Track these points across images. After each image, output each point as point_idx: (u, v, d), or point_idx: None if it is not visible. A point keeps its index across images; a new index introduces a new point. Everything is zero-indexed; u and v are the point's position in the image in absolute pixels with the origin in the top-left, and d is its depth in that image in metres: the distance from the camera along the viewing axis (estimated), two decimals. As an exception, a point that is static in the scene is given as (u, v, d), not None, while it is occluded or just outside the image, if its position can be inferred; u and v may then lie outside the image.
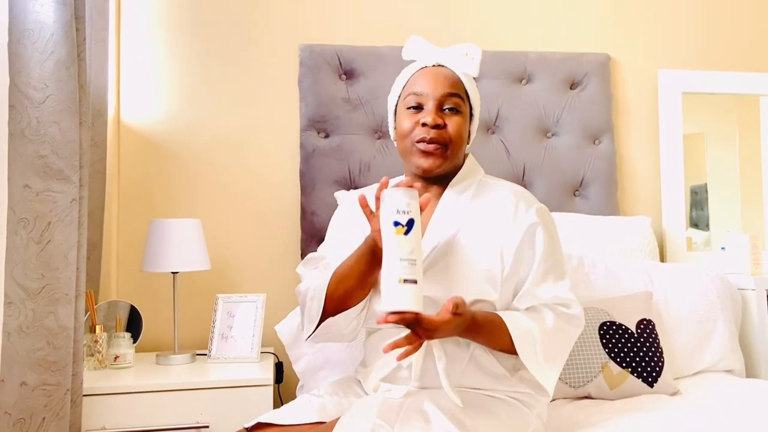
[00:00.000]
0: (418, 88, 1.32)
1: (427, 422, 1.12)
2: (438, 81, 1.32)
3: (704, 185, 2.43)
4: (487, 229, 1.30)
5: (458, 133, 1.31)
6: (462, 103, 1.33)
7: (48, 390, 1.37)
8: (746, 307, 2.01)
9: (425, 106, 1.31)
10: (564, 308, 1.28)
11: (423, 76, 1.33)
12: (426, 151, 1.30)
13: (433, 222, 1.33)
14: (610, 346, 1.67)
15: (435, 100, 1.31)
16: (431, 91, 1.31)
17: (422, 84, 1.32)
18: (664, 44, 2.42)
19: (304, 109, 2.13)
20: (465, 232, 1.30)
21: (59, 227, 1.39)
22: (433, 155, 1.30)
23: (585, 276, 1.88)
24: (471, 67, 1.34)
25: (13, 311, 1.32)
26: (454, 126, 1.31)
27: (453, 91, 1.31)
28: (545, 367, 1.24)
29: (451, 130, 1.30)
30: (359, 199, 1.19)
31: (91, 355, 1.76)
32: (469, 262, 1.27)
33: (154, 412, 1.60)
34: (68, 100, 1.42)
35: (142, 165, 2.10)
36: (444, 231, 1.31)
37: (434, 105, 1.30)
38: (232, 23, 2.18)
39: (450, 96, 1.31)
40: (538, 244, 1.29)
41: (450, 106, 1.31)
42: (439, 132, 1.29)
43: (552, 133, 2.27)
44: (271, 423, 1.22)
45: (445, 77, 1.32)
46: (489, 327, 1.22)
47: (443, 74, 1.33)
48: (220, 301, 1.91)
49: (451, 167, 1.35)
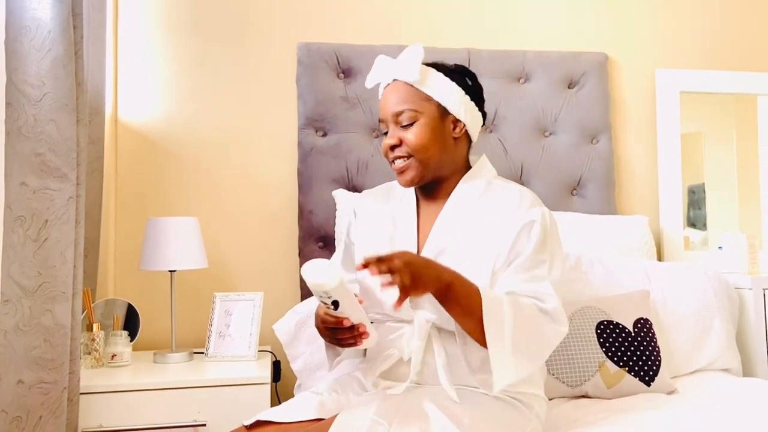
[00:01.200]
0: (381, 114, 1.38)
1: (425, 420, 1.13)
2: (388, 101, 1.36)
3: (702, 185, 2.43)
4: (488, 228, 1.30)
5: (416, 142, 1.32)
6: (416, 112, 1.33)
7: (45, 388, 1.36)
8: (743, 306, 2.02)
9: (388, 130, 1.37)
10: (538, 301, 1.24)
11: (382, 100, 1.39)
12: (398, 171, 1.36)
13: (438, 224, 1.35)
14: (607, 345, 1.67)
15: (390, 121, 1.35)
16: (384, 114, 1.36)
17: (381, 109, 1.38)
18: (662, 44, 2.42)
19: (302, 107, 2.13)
20: (468, 230, 1.31)
21: (56, 225, 1.39)
22: (404, 171, 1.35)
23: (582, 275, 1.88)
24: (411, 72, 1.33)
25: (10, 309, 1.32)
26: (412, 136, 1.32)
27: (399, 108, 1.33)
28: (509, 356, 1.17)
29: (409, 141, 1.33)
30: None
31: (88, 354, 1.76)
32: (470, 259, 1.28)
33: (151, 410, 1.60)
34: (65, 98, 1.41)
35: (140, 163, 2.10)
36: (448, 232, 1.33)
37: (392, 126, 1.35)
38: (230, 22, 2.17)
39: (399, 114, 1.34)
40: (532, 239, 1.27)
41: (404, 122, 1.34)
42: (399, 148, 1.34)
43: (550, 132, 2.27)
44: (270, 420, 1.22)
45: (394, 94, 1.35)
46: (466, 291, 1.18)
47: (394, 91, 1.35)
48: (217, 300, 1.91)
49: (436, 172, 1.36)
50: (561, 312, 1.25)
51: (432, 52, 2.19)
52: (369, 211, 1.48)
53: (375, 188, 1.55)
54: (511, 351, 1.17)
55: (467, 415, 1.17)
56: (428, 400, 1.19)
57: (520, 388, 1.29)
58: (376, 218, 1.45)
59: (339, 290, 1.13)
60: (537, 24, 2.34)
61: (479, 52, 2.23)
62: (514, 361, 1.18)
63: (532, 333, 1.21)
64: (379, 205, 1.47)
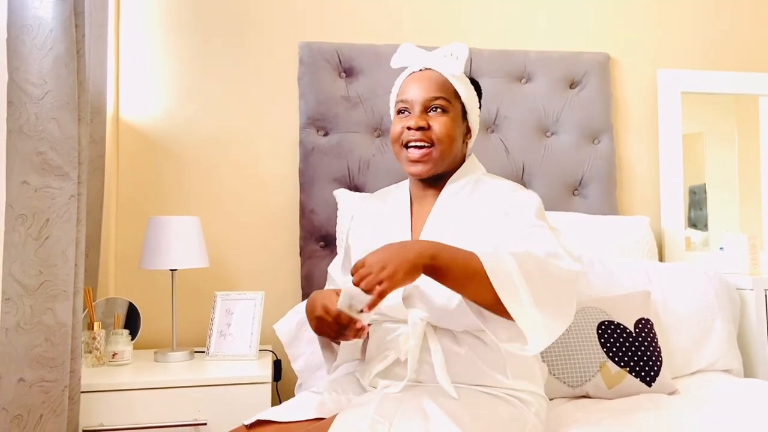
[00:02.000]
0: (406, 95, 1.38)
1: (425, 418, 1.13)
2: (422, 85, 1.36)
3: (703, 185, 2.43)
4: (481, 223, 1.31)
5: (445, 132, 1.34)
6: (448, 104, 1.35)
7: (46, 386, 1.36)
8: (744, 307, 2.01)
9: (412, 111, 1.36)
10: (555, 259, 1.16)
11: (410, 83, 1.38)
12: (413, 160, 1.35)
13: (430, 220, 1.36)
14: (608, 345, 1.67)
15: (420, 104, 1.36)
16: (416, 96, 1.36)
17: (409, 90, 1.37)
18: (664, 44, 2.42)
19: (304, 106, 2.13)
20: (461, 228, 1.32)
21: (58, 224, 1.39)
22: (420, 162, 1.35)
23: (583, 275, 1.88)
24: (455, 67, 1.36)
25: (11, 307, 1.32)
26: (440, 126, 1.34)
27: (437, 94, 1.35)
28: (530, 311, 1.07)
29: (437, 130, 1.34)
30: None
31: (89, 352, 1.76)
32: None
33: (152, 409, 1.60)
34: (67, 97, 1.41)
35: (141, 162, 2.10)
36: (440, 228, 1.33)
37: (419, 109, 1.35)
38: (232, 21, 2.17)
39: (434, 99, 1.35)
40: (529, 209, 1.27)
41: (435, 109, 1.35)
42: (424, 133, 1.34)
43: (551, 133, 2.27)
44: (271, 420, 1.22)
45: (429, 81, 1.36)
46: (458, 256, 1.12)
47: (428, 78, 1.37)
48: (218, 299, 1.91)
49: (444, 168, 1.38)
50: (566, 250, 1.18)
51: (433, 52, 2.21)
52: (366, 214, 1.51)
53: (374, 193, 1.58)
54: (534, 305, 1.08)
55: (467, 413, 1.17)
56: (428, 398, 1.19)
57: (520, 386, 1.29)
58: (372, 220, 1.48)
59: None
60: (539, 24, 2.34)
61: (480, 51, 2.23)
62: (541, 317, 1.09)
63: (548, 282, 1.13)
64: (376, 207, 1.50)
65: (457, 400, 1.20)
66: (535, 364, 1.37)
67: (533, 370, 1.34)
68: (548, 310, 1.11)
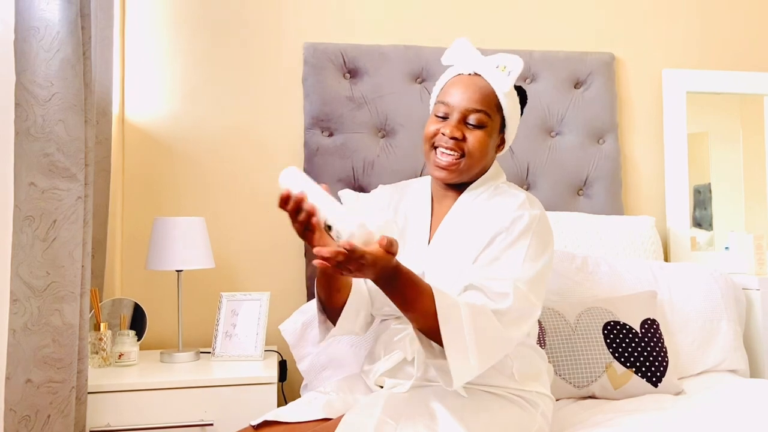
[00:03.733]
0: (447, 98, 1.33)
1: (432, 419, 1.13)
2: (466, 94, 1.31)
3: (708, 185, 2.42)
4: (482, 229, 1.29)
5: (477, 147, 1.31)
6: (488, 118, 1.31)
7: (53, 387, 1.37)
8: (750, 307, 2.01)
9: (450, 117, 1.32)
10: (490, 301, 1.17)
11: (455, 86, 1.33)
12: (440, 166, 1.32)
13: (446, 221, 1.35)
14: (614, 345, 1.67)
15: (459, 113, 1.31)
16: (458, 103, 1.31)
17: (452, 94, 1.33)
18: (669, 44, 2.42)
19: (308, 107, 2.13)
20: (468, 231, 1.31)
21: (65, 225, 1.39)
22: (447, 170, 1.32)
23: (589, 275, 1.88)
24: (504, 83, 1.31)
25: (19, 309, 1.32)
26: (474, 140, 1.30)
27: (479, 107, 1.30)
28: (469, 354, 1.10)
29: (470, 144, 1.31)
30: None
31: (95, 353, 1.76)
32: (461, 258, 1.28)
33: (159, 409, 1.60)
34: (74, 98, 1.42)
35: (147, 163, 2.11)
36: (453, 230, 1.33)
37: (458, 118, 1.31)
38: (236, 22, 2.18)
39: (475, 111, 1.30)
40: (509, 235, 1.25)
41: (473, 122, 1.31)
42: (457, 143, 1.30)
43: (556, 133, 2.27)
44: (278, 420, 1.22)
45: (475, 90, 1.31)
46: (412, 285, 1.11)
47: (475, 86, 1.31)
48: (224, 300, 1.91)
49: (469, 178, 1.36)
50: (516, 312, 1.18)
51: (438, 53, 2.20)
52: (385, 204, 1.47)
53: (392, 185, 1.54)
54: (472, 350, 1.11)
55: (473, 414, 1.17)
56: (435, 399, 1.19)
57: (526, 386, 1.29)
58: (392, 208, 1.45)
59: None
60: (543, 24, 2.34)
61: (485, 52, 2.20)
62: (475, 367, 1.13)
63: (489, 333, 1.15)
64: (394, 199, 1.47)
65: (464, 401, 1.20)
66: (543, 365, 1.37)
67: (540, 371, 1.34)
68: (480, 360, 1.13)
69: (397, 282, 1.09)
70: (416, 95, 2.17)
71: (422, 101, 2.17)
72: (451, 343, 1.10)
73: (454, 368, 1.10)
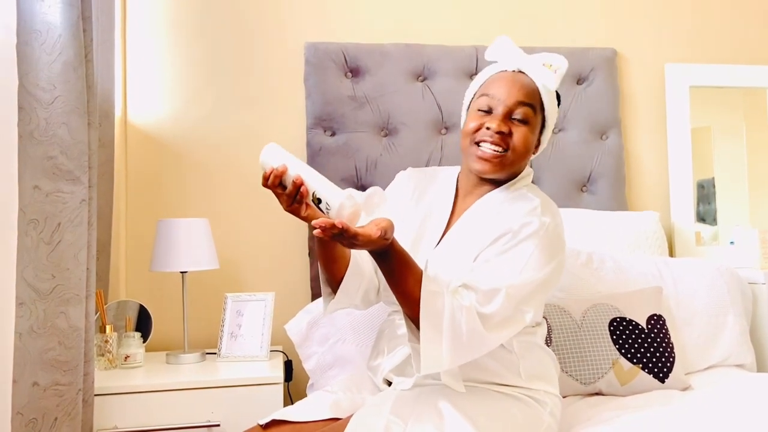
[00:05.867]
0: (492, 92, 1.30)
1: (440, 419, 1.13)
2: (513, 88, 1.29)
3: (711, 179, 2.42)
4: (491, 232, 1.27)
5: (522, 143, 1.28)
6: (533, 114, 1.29)
7: (60, 390, 1.37)
8: (756, 302, 2.00)
9: (494, 111, 1.29)
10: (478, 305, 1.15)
11: (499, 80, 1.31)
12: (484, 158, 1.28)
13: (459, 222, 1.33)
14: (620, 342, 1.66)
15: (505, 106, 1.28)
16: (504, 97, 1.29)
17: (497, 88, 1.30)
18: (671, 38, 2.41)
19: (310, 107, 2.13)
20: (478, 233, 1.29)
21: (69, 228, 1.39)
22: (490, 163, 1.28)
23: (594, 272, 1.88)
24: (550, 80, 1.30)
25: (25, 312, 1.32)
26: (519, 136, 1.28)
27: (525, 100, 1.28)
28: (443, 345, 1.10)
29: (515, 140, 1.28)
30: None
31: (101, 355, 1.76)
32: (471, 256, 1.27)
33: (165, 411, 1.60)
34: (76, 101, 1.42)
35: (150, 165, 2.11)
36: (462, 231, 1.32)
37: (503, 111, 1.28)
38: (238, 22, 2.18)
39: (521, 105, 1.28)
40: (513, 240, 1.23)
41: (519, 117, 1.28)
42: (502, 138, 1.27)
43: (559, 129, 2.27)
44: (286, 420, 1.22)
45: (521, 86, 1.29)
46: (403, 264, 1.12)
47: (520, 82, 1.30)
48: (229, 300, 1.91)
49: (507, 176, 1.33)
50: (500, 317, 1.16)
51: (440, 50, 2.21)
52: (413, 187, 1.45)
53: (419, 169, 1.51)
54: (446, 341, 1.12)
55: (482, 413, 1.17)
56: (443, 398, 1.19)
57: (534, 385, 1.29)
58: (416, 195, 1.43)
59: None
60: (545, 20, 2.33)
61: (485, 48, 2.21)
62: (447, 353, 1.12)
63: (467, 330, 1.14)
64: (421, 184, 1.44)
65: (472, 400, 1.20)
66: (551, 363, 1.36)
67: (548, 370, 1.34)
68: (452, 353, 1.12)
69: (389, 258, 1.11)
70: (418, 93, 2.17)
71: (424, 99, 2.16)
72: (426, 329, 1.10)
73: (424, 353, 1.10)
